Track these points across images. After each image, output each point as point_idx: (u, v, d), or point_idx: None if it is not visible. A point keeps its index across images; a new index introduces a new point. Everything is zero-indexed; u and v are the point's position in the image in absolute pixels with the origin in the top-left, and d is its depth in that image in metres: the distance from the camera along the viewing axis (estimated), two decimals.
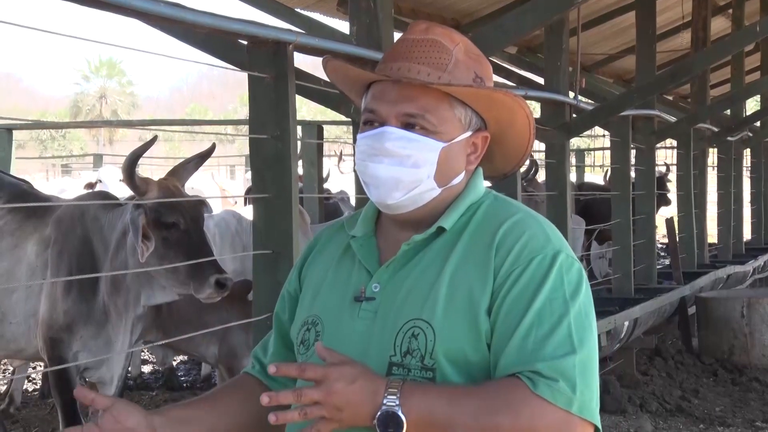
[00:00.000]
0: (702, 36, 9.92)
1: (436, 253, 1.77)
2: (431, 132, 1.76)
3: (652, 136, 9.32)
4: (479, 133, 1.82)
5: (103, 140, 56.14)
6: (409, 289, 1.75)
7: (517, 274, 1.70)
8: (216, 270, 4.18)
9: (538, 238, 1.75)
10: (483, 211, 1.81)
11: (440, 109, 1.76)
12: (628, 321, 7.15)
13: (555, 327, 1.65)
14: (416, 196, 1.77)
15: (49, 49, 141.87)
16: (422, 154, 1.75)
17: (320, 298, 1.85)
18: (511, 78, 9.45)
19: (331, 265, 1.88)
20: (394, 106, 1.75)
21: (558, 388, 1.61)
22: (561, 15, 6.52)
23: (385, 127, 1.76)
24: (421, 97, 1.75)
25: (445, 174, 1.79)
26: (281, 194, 4.04)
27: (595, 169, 18.71)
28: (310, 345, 1.81)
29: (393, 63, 1.77)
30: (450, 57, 1.77)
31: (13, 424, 6.44)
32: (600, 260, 10.16)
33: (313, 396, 1.60)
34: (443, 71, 1.76)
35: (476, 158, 1.83)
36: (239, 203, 11.95)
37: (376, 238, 1.86)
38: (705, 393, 7.51)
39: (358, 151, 1.80)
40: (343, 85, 1.89)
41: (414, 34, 1.79)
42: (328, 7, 7.79)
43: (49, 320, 4.48)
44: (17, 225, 4.78)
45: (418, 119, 1.75)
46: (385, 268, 1.79)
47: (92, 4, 3.27)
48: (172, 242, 4.22)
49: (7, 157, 8.41)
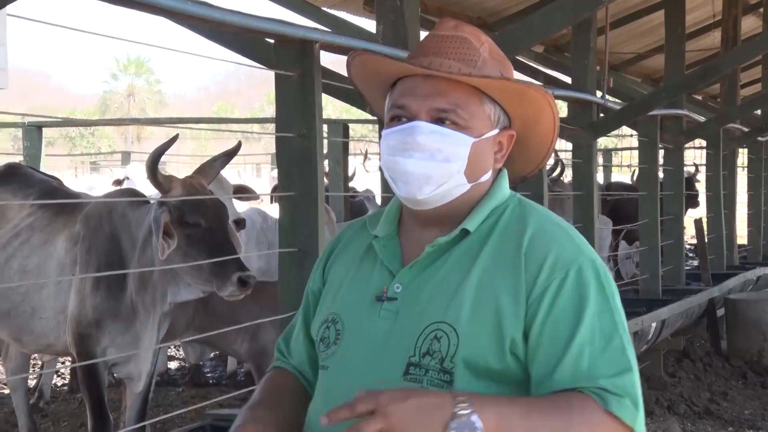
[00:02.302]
0: (732, 35, 9.84)
1: (461, 256, 1.76)
2: (462, 127, 1.75)
3: (681, 136, 9.25)
4: (505, 132, 1.81)
5: (131, 138, 56.48)
6: (433, 292, 1.74)
7: (557, 286, 1.68)
8: (238, 268, 4.17)
9: (568, 247, 1.74)
10: (508, 216, 1.80)
11: (471, 104, 1.75)
12: (656, 322, 7.11)
13: (609, 342, 1.65)
14: (446, 191, 1.76)
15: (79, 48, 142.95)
16: (453, 149, 1.75)
17: (341, 296, 1.85)
18: (538, 77, 9.41)
19: (352, 263, 1.87)
20: (424, 101, 1.75)
21: (626, 405, 1.61)
22: (589, 14, 6.49)
23: (415, 121, 1.74)
24: (452, 92, 1.74)
25: (475, 170, 1.78)
26: (307, 192, 4.04)
27: (623, 169, 18.61)
28: (330, 343, 1.81)
29: (423, 58, 1.77)
30: (478, 54, 1.78)
31: (43, 419, 6.49)
32: (627, 261, 10.10)
33: (375, 426, 1.55)
34: (473, 67, 1.76)
35: (502, 157, 1.83)
36: (265, 201, 11.99)
37: (398, 238, 1.85)
38: (734, 396, 7.45)
39: (385, 146, 1.78)
40: (367, 83, 1.87)
41: (443, 31, 1.79)
42: (354, 5, 7.79)
43: (78, 316, 4.51)
44: (47, 221, 4.82)
45: (449, 114, 1.74)
46: (408, 269, 1.78)
47: (121, 3, 3.29)
48: (195, 240, 4.23)
49: (37, 154, 8.48)
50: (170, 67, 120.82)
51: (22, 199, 4.92)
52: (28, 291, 4.67)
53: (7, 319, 4.76)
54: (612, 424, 1.60)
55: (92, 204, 4.75)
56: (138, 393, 4.70)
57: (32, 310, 4.68)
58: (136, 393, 4.70)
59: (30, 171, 5.40)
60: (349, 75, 1.90)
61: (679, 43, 8.83)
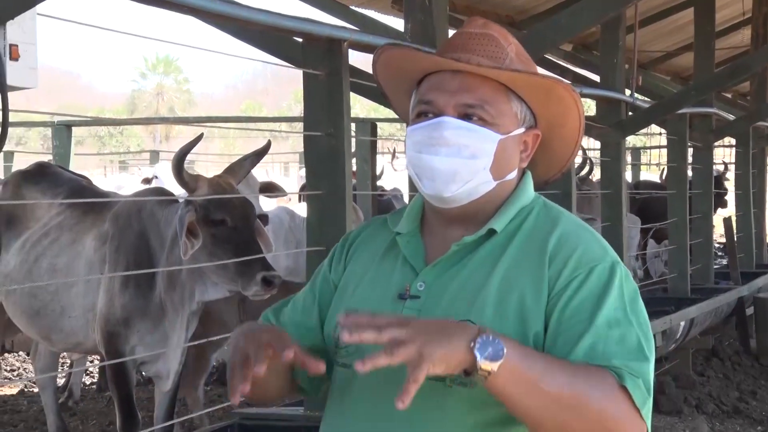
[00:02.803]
0: (762, 33, 9.75)
1: (486, 255, 1.75)
2: (489, 123, 1.74)
3: (710, 134, 9.19)
4: (531, 131, 1.80)
5: (159, 137, 56.79)
6: (457, 291, 1.73)
7: (580, 281, 1.68)
8: (263, 267, 4.17)
9: (594, 247, 1.74)
10: (534, 217, 1.79)
11: (498, 101, 1.75)
12: (684, 321, 7.07)
13: (624, 335, 1.65)
14: (472, 189, 1.75)
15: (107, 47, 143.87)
16: (480, 145, 1.73)
17: (360, 292, 1.82)
18: (566, 75, 9.37)
19: (373, 260, 1.85)
20: (452, 97, 1.74)
21: (638, 385, 1.61)
22: (617, 12, 6.45)
23: (442, 117, 1.74)
24: (479, 88, 1.74)
25: (502, 167, 1.77)
26: (335, 191, 4.05)
27: (651, 168, 18.48)
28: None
29: (452, 54, 1.76)
30: (506, 53, 1.77)
31: (71, 417, 6.54)
32: (656, 259, 10.05)
33: (395, 333, 1.53)
34: (500, 65, 1.75)
35: (527, 156, 1.81)
36: (293, 200, 12.01)
37: (421, 235, 1.83)
38: (763, 395, 7.40)
39: (411, 142, 1.77)
40: (393, 80, 1.86)
41: (472, 28, 1.79)
42: (382, 4, 7.80)
43: (107, 314, 4.53)
44: (76, 220, 4.85)
45: (477, 110, 1.73)
46: (431, 268, 1.77)
47: (150, 2, 3.31)
48: (220, 239, 4.24)
49: (66, 153, 8.53)
50: (198, 66, 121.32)
51: (51, 198, 4.95)
52: (57, 290, 4.70)
53: (36, 317, 4.80)
54: (624, 399, 1.59)
55: (121, 203, 4.78)
56: (166, 391, 4.72)
57: (61, 308, 4.71)
58: (165, 391, 4.72)
59: (59, 170, 5.44)
60: (375, 72, 1.89)
61: (709, 41, 8.77)
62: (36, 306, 4.77)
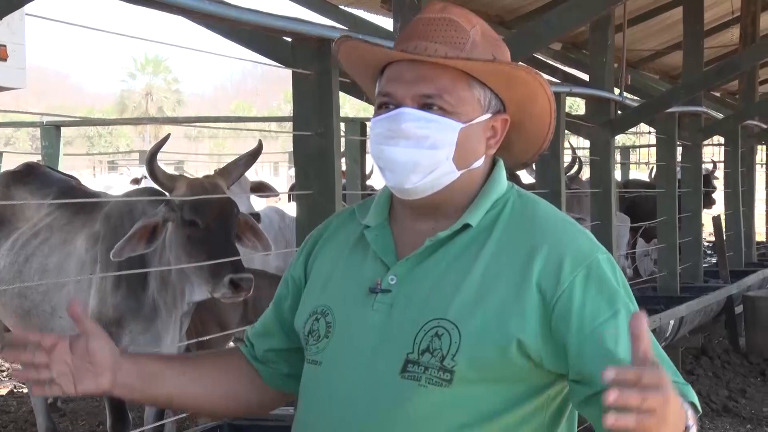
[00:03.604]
0: (751, 32, 9.79)
1: (462, 250, 1.71)
2: (449, 112, 1.69)
3: (699, 133, 9.22)
4: (498, 116, 1.75)
5: (149, 137, 56.63)
6: (432, 287, 1.69)
7: (583, 278, 1.66)
8: (232, 270, 4.11)
9: (583, 241, 1.72)
10: (510, 209, 1.75)
11: (458, 88, 1.70)
12: (674, 320, 7.08)
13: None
14: (434, 180, 1.71)
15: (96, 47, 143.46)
16: (441, 135, 1.69)
17: (330, 287, 1.79)
18: (556, 74, 9.38)
19: (342, 254, 1.81)
20: (410, 87, 1.69)
21: (690, 389, 1.62)
22: (606, 11, 6.47)
23: (401, 108, 1.69)
24: (438, 77, 1.69)
25: (464, 156, 1.72)
26: (324, 191, 4.05)
27: (641, 167, 18.53)
28: (320, 336, 1.75)
29: (409, 42, 1.71)
30: (467, 37, 1.71)
31: (61, 418, 6.52)
32: (645, 258, 10.07)
33: (656, 403, 1.36)
34: (460, 50, 1.70)
35: (496, 143, 1.76)
36: (283, 200, 12.00)
37: (390, 227, 1.79)
38: (752, 393, 7.43)
39: (372, 134, 1.73)
40: (356, 70, 1.82)
41: (430, 13, 1.73)
42: (372, 3, 7.80)
43: (98, 314, 4.52)
44: (67, 221, 4.84)
45: (436, 99, 1.69)
46: (404, 261, 1.73)
47: (139, 2, 3.30)
48: (194, 240, 4.22)
49: (55, 154, 8.50)
50: (188, 66, 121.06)
51: (41, 199, 4.94)
52: (48, 290, 4.69)
53: (27, 318, 4.78)
54: (690, 408, 1.56)
55: (112, 203, 4.77)
56: None
57: (52, 309, 4.70)
58: None
59: (48, 170, 5.43)
60: (339, 62, 1.85)
61: (698, 40, 8.79)
62: (26, 306, 4.76)
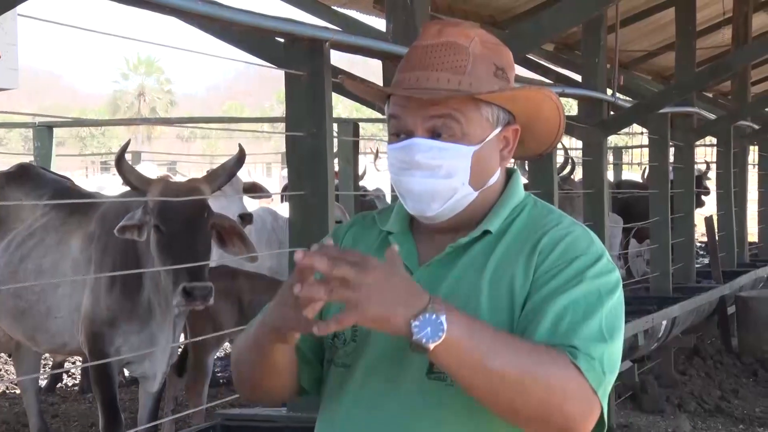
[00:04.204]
0: (743, 32, 9.81)
1: (477, 254, 1.76)
2: (459, 137, 1.71)
3: (692, 133, 9.23)
4: (509, 127, 1.77)
5: (141, 138, 56.60)
6: (450, 290, 1.73)
7: (560, 269, 1.69)
8: (189, 278, 4.09)
9: (582, 240, 1.74)
10: (525, 215, 1.79)
11: (466, 111, 1.72)
12: (666, 320, 7.09)
13: (589, 316, 1.65)
14: (455, 204, 1.74)
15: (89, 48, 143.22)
16: (454, 162, 1.71)
17: None
18: (548, 75, 9.40)
19: None
20: (418, 117, 1.71)
21: (593, 366, 1.61)
22: (599, 11, 6.48)
23: (413, 139, 1.71)
24: (443, 105, 1.71)
25: (480, 177, 1.76)
26: (317, 191, 4.05)
27: (633, 167, 18.55)
28: (347, 340, 1.78)
29: (410, 73, 1.73)
30: (468, 57, 1.73)
31: (53, 419, 6.51)
32: (638, 259, 10.08)
33: (346, 272, 1.50)
34: (463, 74, 1.71)
35: (509, 152, 1.79)
36: (276, 200, 11.99)
37: (411, 234, 1.83)
38: (744, 393, 7.44)
39: (389, 163, 1.77)
40: (366, 94, 1.87)
41: (427, 40, 1.75)
42: (364, 4, 7.80)
43: (92, 314, 4.52)
44: (61, 221, 4.84)
45: (445, 126, 1.71)
46: (425, 268, 1.77)
47: (131, 3, 3.30)
48: (161, 246, 4.22)
49: (48, 154, 8.50)
50: (180, 66, 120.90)
51: (35, 200, 4.94)
52: (43, 290, 4.69)
53: (22, 318, 4.78)
54: (577, 377, 1.59)
55: (107, 204, 4.77)
56: (152, 393, 4.71)
57: (47, 309, 4.70)
58: (151, 393, 4.71)
59: (42, 171, 5.43)
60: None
61: (690, 41, 8.81)
62: (21, 307, 4.76)
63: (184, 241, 4.20)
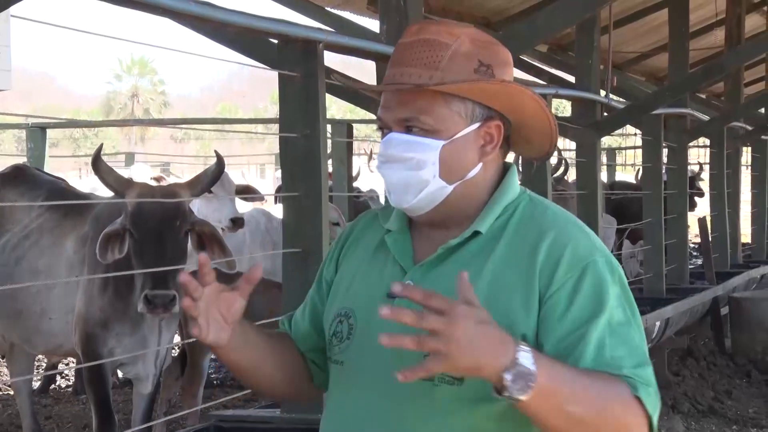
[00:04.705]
0: (736, 33, 9.83)
1: (473, 255, 1.76)
2: (430, 132, 1.76)
3: (685, 134, 9.25)
4: (491, 122, 1.78)
5: (134, 139, 56.58)
6: (445, 292, 1.69)
7: (574, 283, 1.70)
8: (152, 285, 4.08)
9: (582, 243, 1.75)
10: (520, 213, 1.80)
11: (435, 107, 1.75)
12: (660, 321, 7.11)
13: (626, 337, 1.68)
14: (428, 197, 1.77)
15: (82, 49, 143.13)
16: (423, 155, 1.76)
17: (353, 290, 1.85)
18: (542, 76, 9.41)
19: (365, 257, 1.88)
20: (393, 113, 1.78)
21: (650, 393, 1.64)
22: (592, 13, 6.48)
23: (390, 134, 1.79)
24: (414, 101, 1.76)
25: (453, 170, 1.77)
26: (311, 193, 4.05)
27: (627, 168, 18.58)
28: (343, 338, 1.81)
29: (390, 70, 1.80)
30: (445, 53, 1.75)
31: (47, 420, 6.50)
32: (631, 260, 10.10)
33: (435, 324, 1.51)
34: (435, 69, 1.74)
35: (493, 148, 1.80)
36: (269, 201, 11.99)
37: (410, 232, 1.85)
38: (738, 394, 7.45)
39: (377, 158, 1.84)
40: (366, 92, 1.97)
41: (406, 38, 1.80)
42: (358, 5, 7.80)
43: (85, 315, 4.52)
44: (56, 222, 4.83)
45: (415, 122, 1.76)
46: (419, 267, 1.79)
47: (124, 3, 3.30)
48: (134, 251, 4.23)
49: (41, 155, 8.48)
50: (174, 67, 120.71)
51: (30, 201, 4.93)
52: (38, 291, 4.69)
53: (17, 319, 4.78)
54: (638, 408, 1.62)
55: (102, 205, 4.77)
56: (145, 394, 4.70)
57: (42, 310, 4.70)
58: (144, 394, 4.70)
59: (36, 172, 5.44)
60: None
61: (683, 42, 8.82)
62: (16, 308, 4.75)
63: (152, 247, 4.19)
